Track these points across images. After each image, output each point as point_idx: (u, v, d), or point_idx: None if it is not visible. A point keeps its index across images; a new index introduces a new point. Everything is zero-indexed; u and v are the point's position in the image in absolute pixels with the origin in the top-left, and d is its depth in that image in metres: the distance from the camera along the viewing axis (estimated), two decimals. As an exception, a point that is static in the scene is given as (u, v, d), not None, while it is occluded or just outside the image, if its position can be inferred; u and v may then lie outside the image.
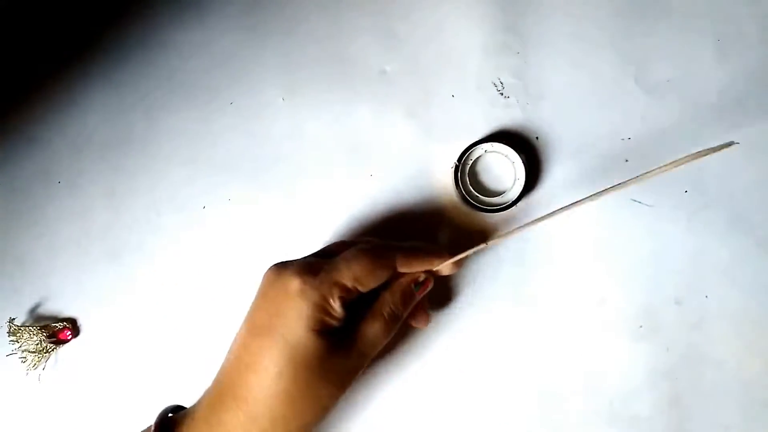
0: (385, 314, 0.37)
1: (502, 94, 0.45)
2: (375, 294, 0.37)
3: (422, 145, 0.45)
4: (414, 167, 0.45)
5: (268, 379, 0.33)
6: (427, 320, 0.41)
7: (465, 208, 0.44)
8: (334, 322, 0.35)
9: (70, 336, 0.44)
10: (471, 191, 0.44)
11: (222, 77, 0.46)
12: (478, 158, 0.45)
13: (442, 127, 0.45)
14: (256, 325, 0.35)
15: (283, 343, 0.33)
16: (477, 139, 0.44)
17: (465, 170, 0.45)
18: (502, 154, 0.44)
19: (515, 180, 0.44)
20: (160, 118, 0.46)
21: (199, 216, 0.45)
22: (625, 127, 0.45)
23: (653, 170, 0.33)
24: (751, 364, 0.43)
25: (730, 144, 0.31)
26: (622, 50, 0.45)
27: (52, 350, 0.44)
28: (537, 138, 0.45)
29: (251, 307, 0.36)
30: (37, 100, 0.46)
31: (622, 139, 0.45)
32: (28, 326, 0.44)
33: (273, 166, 0.46)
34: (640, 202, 0.44)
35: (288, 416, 0.34)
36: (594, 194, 0.34)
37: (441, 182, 0.45)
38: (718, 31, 0.45)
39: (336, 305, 0.35)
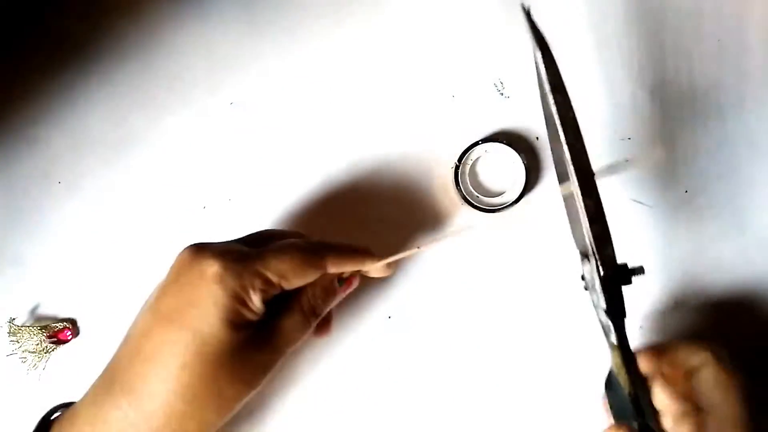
0: (305, 308, 0.35)
1: (502, 94, 0.46)
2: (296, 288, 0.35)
3: (422, 145, 0.45)
4: (414, 167, 0.45)
5: (169, 372, 0.30)
6: (329, 330, 0.39)
7: (464, 208, 0.44)
8: (251, 316, 0.32)
9: (70, 336, 0.44)
10: (471, 191, 0.44)
11: (222, 77, 0.46)
12: (478, 158, 0.45)
13: (442, 127, 0.45)
14: (162, 311, 0.31)
15: (192, 333, 0.30)
16: (477, 139, 0.44)
17: (465, 170, 0.45)
18: (502, 154, 0.45)
19: (515, 180, 0.44)
20: (159, 117, 0.46)
21: (199, 216, 0.45)
22: (625, 127, 0.45)
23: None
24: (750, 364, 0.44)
25: None
26: (622, 50, 0.45)
27: (52, 350, 0.44)
28: (537, 138, 0.45)
29: (159, 290, 0.33)
30: (37, 100, 0.46)
31: (622, 139, 0.45)
32: (28, 326, 0.44)
33: (273, 166, 0.46)
34: (640, 203, 0.44)
35: (187, 414, 0.30)
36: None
37: (441, 182, 0.45)
38: (718, 31, 0.45)
39: (256, 298, 0.31)
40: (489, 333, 0.44)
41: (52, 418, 0.35)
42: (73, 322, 0.45)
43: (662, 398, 0.34)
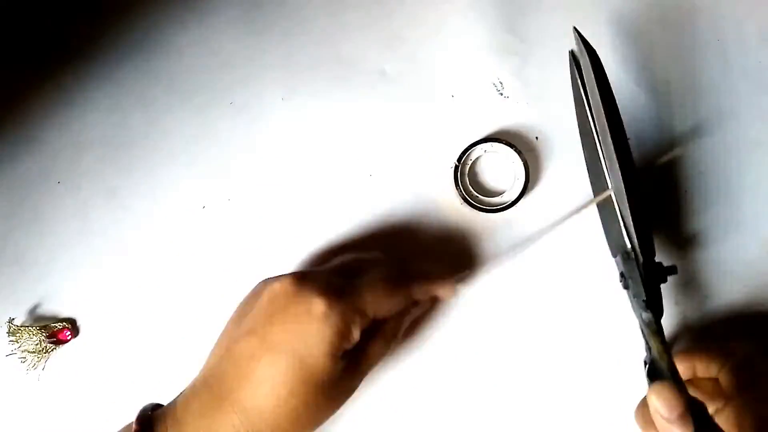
0: (387, 334, 0.38)
1: (501, 94, 0.46)
2: None
3: (422, 145, 0.45)
4: (414, 167, 0.45)
5: (278, 396, 0.34)
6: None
7: (464, 208, 0.44)
8: (349, 347, 0.35)
9: (70, 336, 0.44)
10: (471, 191, 0.44)
11: (222, 77, 0.46)
12: (477, 158, 0.45)
13: (441, 127, 0.45)
14: (270, 341, 0.34)
15: (300, 364, 0.34)
16: (477, 139, 0.44)
17: (465, 170, 0.45)
18: (502, 154, 0.44)
19: (515, 180, 0.44)
20: (159, 118, 0.46)
21: (199, 216, 0.45)
22: (625, 126, 0.45)
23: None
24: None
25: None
26: (622, 50, 0.45)
27: (52, 350, 0.44)
28: (537, 138, 0.45)
29: (262, 317, 0.35)
30: (37, 100, 0.46)
31: (622, 139, 0.45)
32: (27, 326, 0.44)
33: (273, 166, 0.46)
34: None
35: (289, 429, 0.35)
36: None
37: (441, 182, 0.45)
38: (718, 31, 0.45)
39: (356, 333, 0.35)
40: (489, 331, 0.44)
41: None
42: (72, 322, 0.45)
43: None
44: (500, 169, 0.45)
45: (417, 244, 0.45)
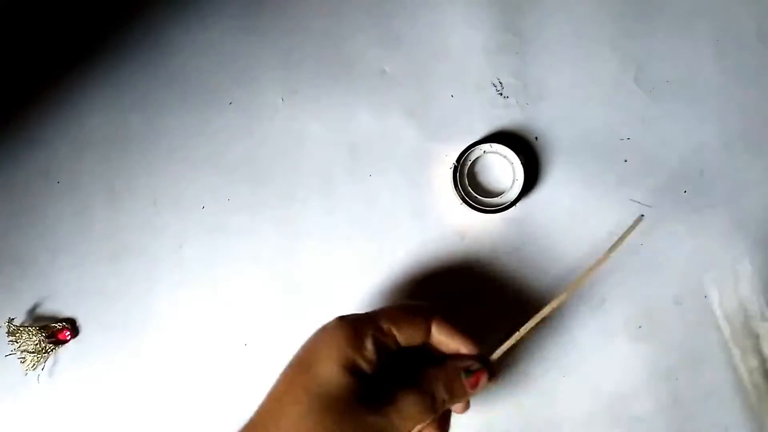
0: (425, 389, 0.35)
1: (501, 94, 0.46)
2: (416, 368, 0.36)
3: (421, 146, 0.45)
4: (413, 167, 0.45)
5: (296, 415, 0.33)
6: (466, 408, 0.38)
7: (464, 209, 0.44)
8: (365, 365, 0.34)
9: (70, 336, 0.44)
10: (470, 192, 0.44)
11: (222, 77, 0.46)
12: (477, 159, 0.45)
13: (441, 128, 0.45)
14: (293, 361, 0.36)
15: (313, 379, 0.33)
16: (476, 140, 0.44)
17: (464, 171, 0.45)
18: (501, 154, 0.44)
19: (514, 180, 0.44)
20: (159, 118, 0.46)
21: (199, 216, 0.45)
22: (625, 127, 0.45)
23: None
24: (751, 363, 0.43)
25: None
26: (622, 50, 0.45)
27: (52, 350, 0.44)
28: (536, 138, 0.45)
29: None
30: (37, 100, 0.46)
31: (621, 140, 0.45)
32: (27, 326, 0.44)
33: (273, 166, 0.46)
34: (639, 203, 0.44)
35: None
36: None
37: (440, 183, 0.45)
38: (717, 31, 0.45)
39: (369, 344, 0.34)
40: (489, 332, 0.44)
41: None
42: (72, 322, 0.45)
43: None
44: (499, 169, 0.45)
45: (415, 245, 0.45)
